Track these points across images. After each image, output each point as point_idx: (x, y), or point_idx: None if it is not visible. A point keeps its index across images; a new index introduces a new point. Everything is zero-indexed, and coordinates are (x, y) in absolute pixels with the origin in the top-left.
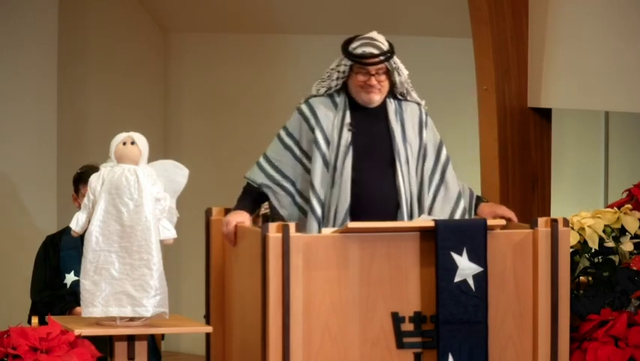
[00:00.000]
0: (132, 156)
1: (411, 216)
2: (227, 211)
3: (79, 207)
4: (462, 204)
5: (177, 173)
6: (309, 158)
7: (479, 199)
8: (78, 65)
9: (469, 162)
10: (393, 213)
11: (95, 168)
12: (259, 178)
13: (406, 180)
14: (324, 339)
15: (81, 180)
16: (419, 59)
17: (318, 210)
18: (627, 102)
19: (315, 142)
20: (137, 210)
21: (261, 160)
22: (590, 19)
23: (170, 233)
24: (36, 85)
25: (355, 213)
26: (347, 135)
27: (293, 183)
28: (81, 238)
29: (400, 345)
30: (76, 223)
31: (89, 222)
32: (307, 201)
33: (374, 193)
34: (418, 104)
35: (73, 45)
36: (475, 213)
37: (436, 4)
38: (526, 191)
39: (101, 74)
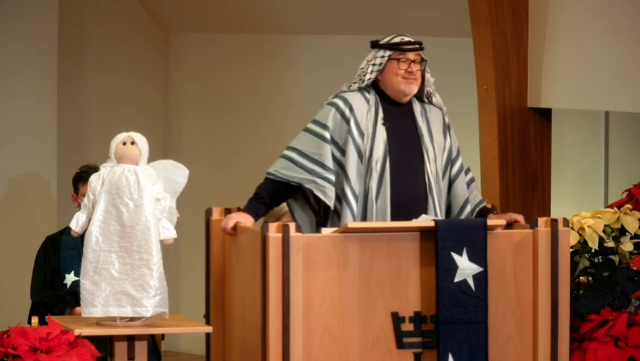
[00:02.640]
0: (132, 156)
1: (436, 214)
2: (227, 211)
3: (78, 207)
4: (468, 209)
5: (177, 173)
6: (342, 150)
7: (489, 210)
8: (78, 65)
9: (469, 162)
10: (424, 209)
11: (94, 168)
12: (299, 174)
13: (433, 178)
14: (324, 339)
15: (80, 180)
16: None
17: (353, 202)
18: (627, 102)
19: (350, 133)
20: (137, 210)
21: (294, 155)
22: (590, 20)
23: (170, 233)
24: (36, 85)
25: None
26: (382, 129)
27: (334, 175)
28: (81, 238)
29: (400, 345)
30: (76, 223)
31: (89, 222)
32: (341, 193)
33: (407, 187)
34: (440, 108)
35: (73, 45)
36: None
37: (436, 4)
38: (526, 191)
39: (101, 74)
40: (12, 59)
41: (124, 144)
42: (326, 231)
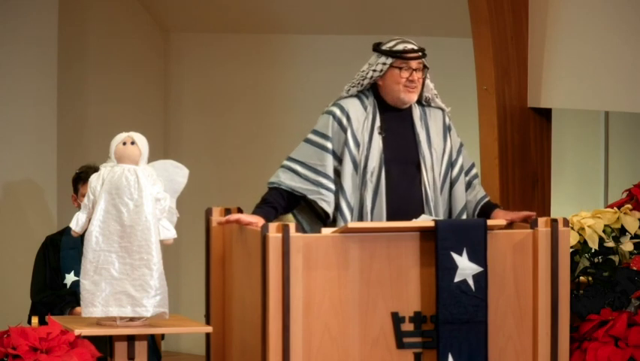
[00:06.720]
0: (132, 156)
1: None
2: (227, 211)
3: (78, 208)
4: (464, 215)
5: (177, 173)
6: (340, 160)
7: (493, 206)
8: (78, 66)
9: None
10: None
11: (93, 169)
12: (303, 185)
13: (431, 185)
14: (324, 339)
15: (80, 180)
16: None
17: (347, 214)
18: (627, 102)
19: (346, 143)
20: (137, 210)
21: (297, 167)
22: (590, 20)
23: (170, 233)
24: (36, 85)
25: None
26: (378, 139)
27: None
28: (81, 238)
29: (400, 345)
30: (76, 223)
31: (89, 222)
32: (337, 204)
33: (403, 198)
34: (442, 110)
35: (74, 45)
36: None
37: (436, 4)
38: (526, 191)
39: (100, 74)
40: (12, 59)
41: (124, 144)
42: (326, 231)
